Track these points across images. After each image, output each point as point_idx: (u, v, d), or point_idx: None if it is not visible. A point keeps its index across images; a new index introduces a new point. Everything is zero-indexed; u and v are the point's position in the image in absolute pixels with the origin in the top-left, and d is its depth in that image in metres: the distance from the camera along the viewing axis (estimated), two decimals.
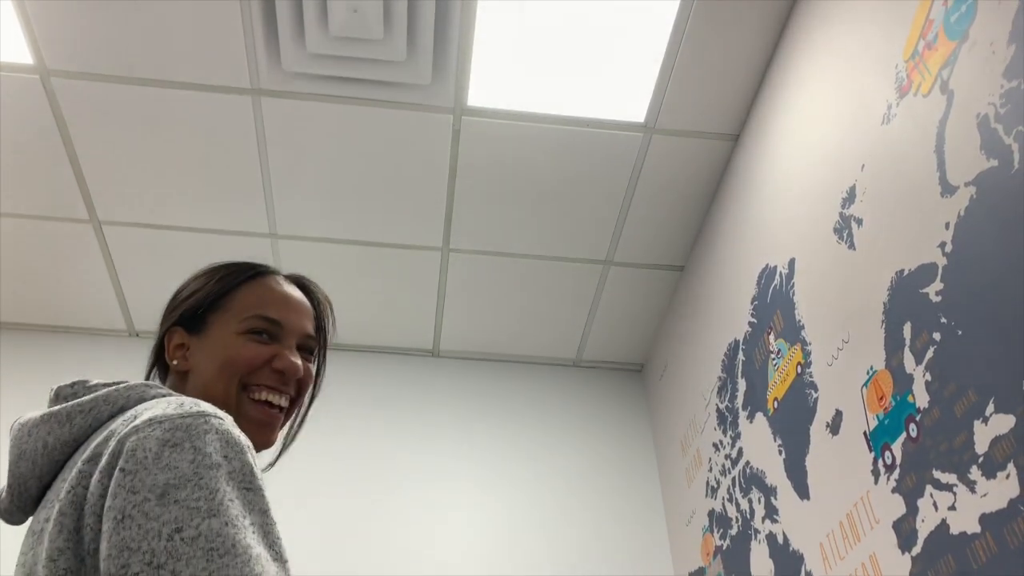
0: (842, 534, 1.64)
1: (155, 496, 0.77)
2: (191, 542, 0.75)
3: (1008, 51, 1.27)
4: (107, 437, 0.86)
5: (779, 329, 1.97)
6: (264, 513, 0.81)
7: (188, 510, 0.76)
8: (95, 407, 0.92)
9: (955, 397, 1.33)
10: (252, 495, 0.81)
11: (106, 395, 0.93)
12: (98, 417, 0.92)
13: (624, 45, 2.11)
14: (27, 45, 2.10)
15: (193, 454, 0.80)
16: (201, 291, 1.12)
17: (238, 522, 0.77)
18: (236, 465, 0.82)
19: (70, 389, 0.98)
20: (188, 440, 0.81)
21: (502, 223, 2.54)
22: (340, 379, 2.91)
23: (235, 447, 0.83)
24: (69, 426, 0.91)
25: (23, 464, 0.92)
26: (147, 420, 0.83)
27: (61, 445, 0.91)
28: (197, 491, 0.78)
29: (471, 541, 2.57)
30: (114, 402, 0.93)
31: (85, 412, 0.92)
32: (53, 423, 0.92)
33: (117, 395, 0.94)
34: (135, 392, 0.94)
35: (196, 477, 0.78)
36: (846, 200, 1.71)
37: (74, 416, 0.92)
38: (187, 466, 0.79)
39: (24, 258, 2.62)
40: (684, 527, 2.51)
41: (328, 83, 2.19)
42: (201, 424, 0.83)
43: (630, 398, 2.98)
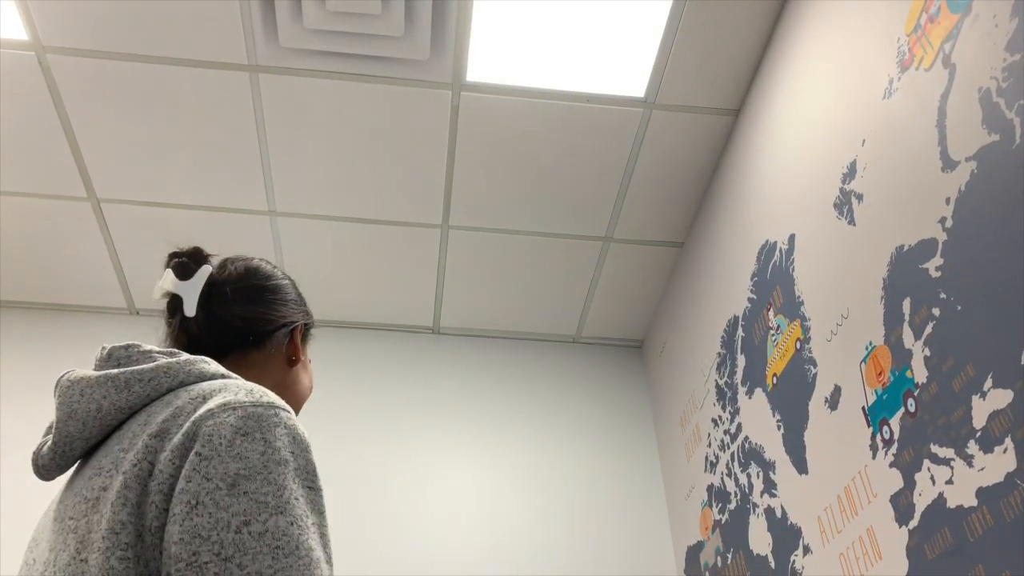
0: (840, 508, 1.65)
1: (226, 485, 0.78)
2: (258, 537, 0.76)
3: (1011, 24, 1.26)
4: (175, 414, 0.86)
5: (778, 305, 1.97)
6: (322, 515, 0.83)
7: (257, 504, 0.78)
8: (155, 377, 0.92)
9: (953, 372, 1.33)
10: (314, 495, 0.83)
11: (167, 367, 0.93)
12: (157, 388, 0.91)
13: (624, 20, 2.09)
14: (22, 21, 2.08)
15: (263, 446, 0.82)
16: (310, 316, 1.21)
17: (302, 522, 0.79)
18: (301, 463, 0.84)
19: (124, 352, 0.97)
20: (259, 431, 0.83)
21: (502, 200, 2.53)
22: (340, 357, 2.93)
23: (301, 444, 0.85)
24: (127, 393, 0.91)
25: (72, 424, 0.91)
26: (221, 404, 0.84)
27: (116, 411, 0.91)
28: (266, 485, 0.79)
29: (472, 517, 2.59)
30: (175, 375, 0.93)
31: (144, 381, 0.92)
32: (110, 387, 0.91)
33: (179, 368, 0.93)
34: (195, 368, 0.94)
35: (265, 471, 0.80)
36: (846, 175, 1.71)
37: (133, 384, 0.91)
38: (257, 458, 0.81)
39: (23, 236, 2.62)
40: (683, 501, 2.53)
41: (326, 59, 2.17)
42: (272, 416, 0.85)
43: (630, 374, 2.99)
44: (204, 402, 0.87)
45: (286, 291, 1.18)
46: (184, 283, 1.10)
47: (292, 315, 1.16)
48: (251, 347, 1.10)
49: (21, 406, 2.60)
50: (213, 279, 1.12)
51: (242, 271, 1.16)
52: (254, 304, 1.12)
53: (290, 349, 1.14)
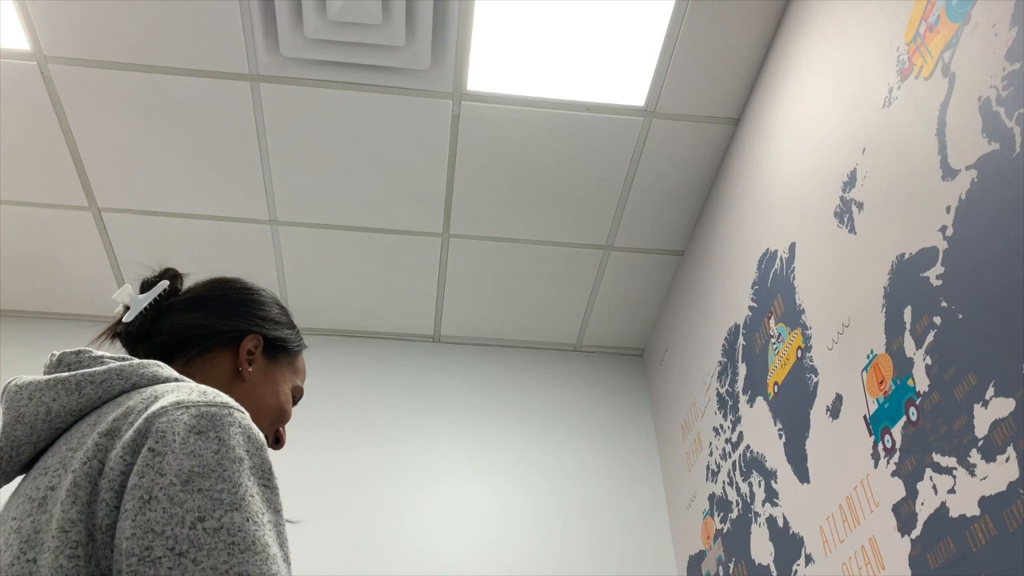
0: (842, 517, 1.65)
1: (180, 482, 0.77)
2: (213, 533, 0.75)
3: (1010, 33, 1.26)
4: (126, 412, 0.85)
5: (779, 313, 1.97)
6: (278, 512, 0.82)
7: (211, 500, 0.77)
8: (107, 379, 0.91)
9: (955, 381, 1.33)
10: (270, 493, 0.82)
11: (120, 369, 0.92)
12: (109, 390, 0.91)
13: (624, 29, 2.10)
14: (24, 31, 2.09)
15: (218, 444, 0.81)
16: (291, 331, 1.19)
17: (258, 519, 0.79)
18: (256, 461, 0.83)
19: (75, 357, 0.96)
20: (213, 429, 0.82)
21: (502, 208, 2.54)
22: (341, 365, 2.93)
23: (255, 443, 0.84)
24: (78, 395, 0.90)
25: (20, 428, 0.90)
26: (174, 403, 0.84)
27: (66, 413, 0.90)
28: (220, 483, 0.78)
29: (472, 525, 2.59)
30: (127, 377, 0.92)
31: (96, 383, 0.91)
32: (60, 390, 0.91)
33: (131, 371, 0.93)
34: (148, 371, 0.94)
35: (220, 468, 0.79)
36: (847, 184, 1.71)
37: (84, 386, 0.90)
38: (211, 456, 0.80)
39: (23, 245, 2.62)
40: (685, 511, 2.53)
41: (327, 68, 2.18)
42: (226, 415, 0.84)
43: (631, 383, 2.99)
44: (155, 401, 0.86)
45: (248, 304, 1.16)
46: (138, 296, 1.13)
47: (243, 326, 1.13)
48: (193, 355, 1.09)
49: None
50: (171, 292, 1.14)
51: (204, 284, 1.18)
52: (199, 312, 1.13)
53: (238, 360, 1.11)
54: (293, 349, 1.19)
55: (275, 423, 1.14)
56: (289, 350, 1.18)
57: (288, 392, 1.16)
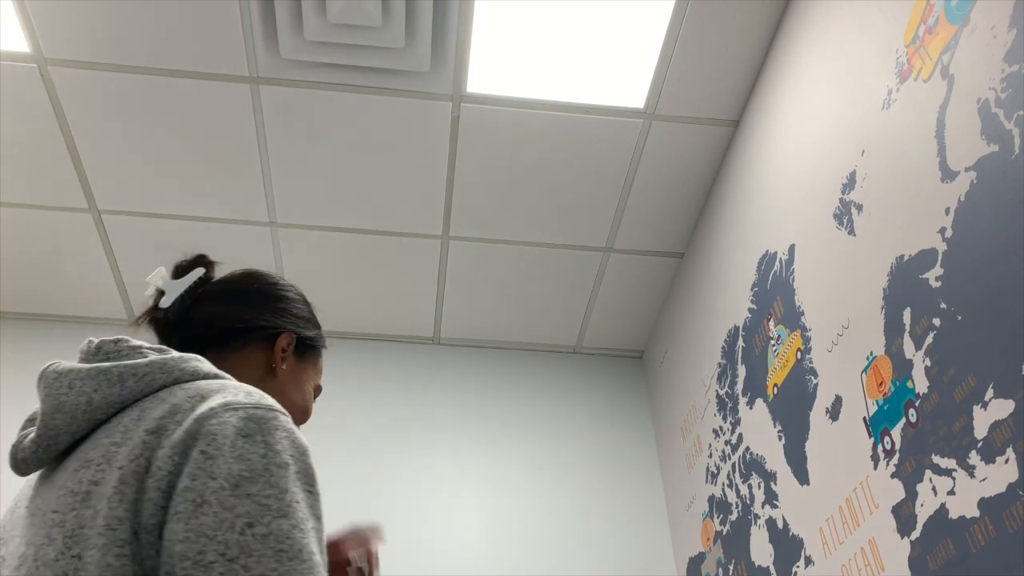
0: (842, 519, 1.65)
1: (230, 486, 0.78)
2: (262, 539, 0.76)
3: (1009, 36, 1.26)
4: (172, 411, 0.85)
5: (779, 315, 1.97)
6: (319, 519, 0.83)
7: (259, 506, 0.78)
8: (149, 373, 0.90)
9: (954, 382, 1.33)
10: (313, 499, 0.83)
11: (162, 363, 0.92)
12: (151, 384, 0.90)
13: (623, 31, 2.10)
14: (24, 33, 2.09)
15: (264, 448, 0.81)
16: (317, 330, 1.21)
17: (304, 526, 0.79)
18: (301, 466, 0.84)
19: (114, 345, 0.95)
20: (259, 433, 0.82)
21: (502, 210, 2.54)
22: (341, 368, 2.93)
23: (300, 448, 0.85)
24: (120, 387, 0.89)
25: (60, 417, 0.89)
26: (223, 404, 0.84)
27: (107, 405, 0.89)
28: (268, 488, 0.79)
29: (472, 528, 2.59)
30: (169, 372, 0.91)
31: (138, 377, 0.90)
32: (101, 380, 0.89)
33: (173, 365, 0.92)
34: (189, 366, 0.93)
35: (267, 473, 0.80)
36: (846, 186, 1.71)
37: (126, 378, 0.90)
38: (258, 460, 0.80)
39: (23, 247, 2.62)
40: (684, 512, 2.53)
41: (327, 70, 2.18)
42: (272, 419, 0.85)
43: (630, 384, 2.99)
44: (203, 400, 0.86)
45: (283, 300, 1.17)
46: (173, 281, 1.12)
47: (280, 323, 1.14)
48: (226, 347, 1.09)
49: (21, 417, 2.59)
50: (205, 280, 1.14)
51: (239, 275, 1.18)
52: (236, 304, 1.13)
53: (272, 356, 1.12)
54: (317, 348, 1.20)
55: (299, 422, 1.15)
56: (316, 349, 1.20)
57: (311, 391, 1.18)
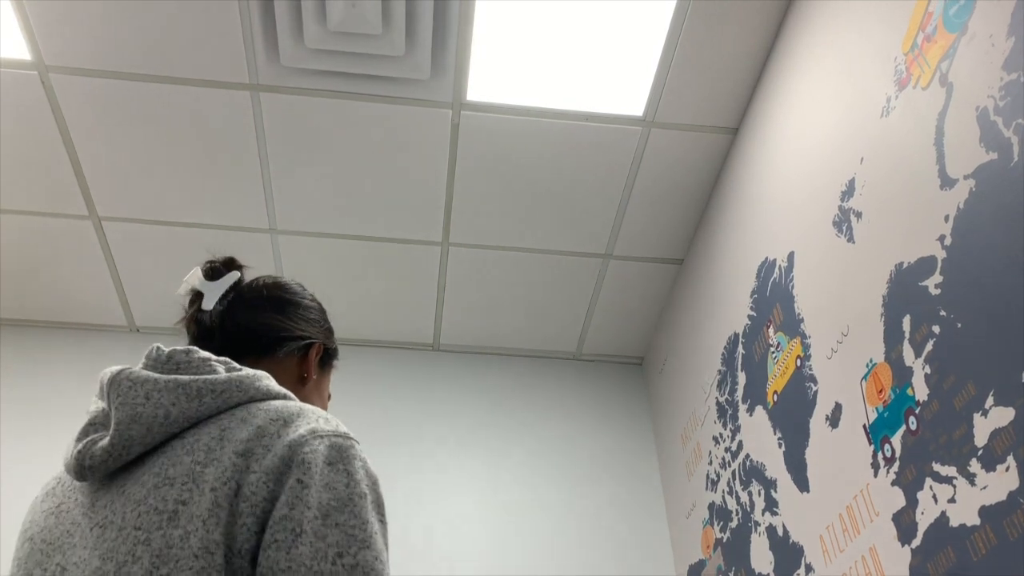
0: (842, 527, 1.64)
1: (321, 515, 0.80)
2: (350, 570, 0.78)
3: (1007, 44, 1.27)
4: (258, 434, 0.86)
5: (778, 322, 1.97)
6: (387, 548, 0.85)
7: (347, 536, 0.80)
8: (227, 390, 0.91)
9: (954, 390, 1.33)
10: (385, 529, 0.86)
11: (239, 381, 0.92)
12: (227, 401, 0.90)
13: (622, 39, 2.11)
14: (25, 41, 2.10)
15: (347, 478, 0.84)
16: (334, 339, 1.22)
17: (383, 556, 0.82)
18: (375, 496, 0.86)
19: (185, 356, 0.95)
20: (342, 462, 0.85)
21: (502, 217, 2.54)
22: (340, 373, 2.91)
23: (373, 478, 0.88)
24: (198, 402, 0.89)
25: (136, 428, 0.88)
26: (311, 431, 0.86)
27: (184, 420, 0.89)
28: (353, 518, 0.81)
29: (471, 535, 2.58)
30: (245, 390, 0.92)
31: (217, 393, 0.90)
32: (180, 394, 0.89)
33: (249, 383, 0.93)
34: (263, 385, 0.94)
35: (351, 503, 0.82)
36: (845, 193, 1.71)
37: (205, 394, 0.90)
38: (343, 489, 0.83)
39: (24, 254, 2.62)
40: (684, 520, 2.52)
41: (327, 78, 2.18)
42: (350, 448, 0.87)
43: (630, 391, 2.99)
44: (286, 425, 0.87)
45: (310, 311, 1.20)
46: (210, 282, 1.13)
47: (311, 332, 1.16)
48: (264, 354, 1.10)
49: (21, 424, 2.59)
50: (240, 285, 1.15)
51: (270, 283, 1.20)
52: (274, 312, 1.14)
53: (303, 365, 1.14)
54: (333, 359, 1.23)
55: None
56: (331, 361, 1.22)
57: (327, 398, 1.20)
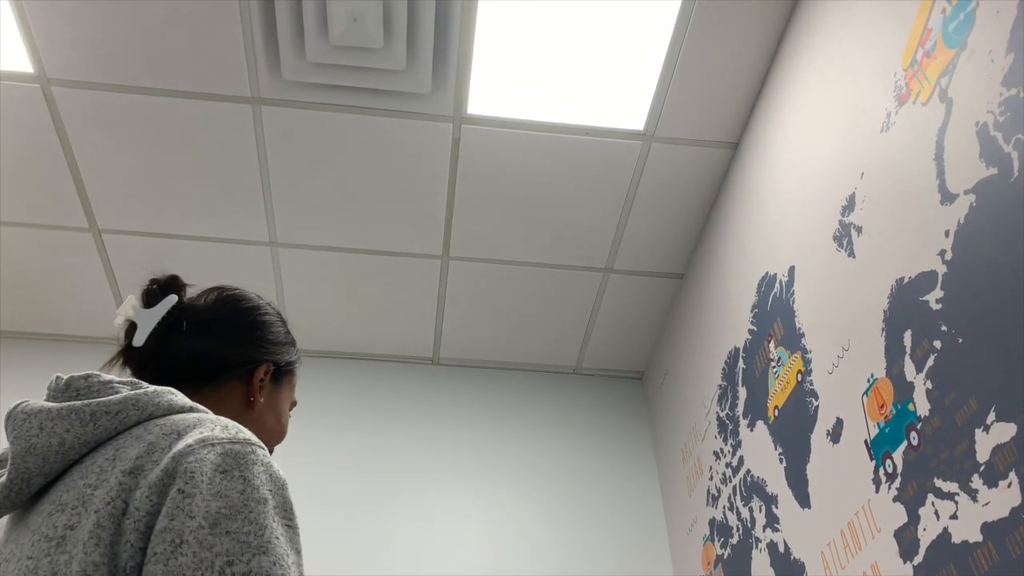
0: (843, 543, 1.63)
1: (208, 524, 0.77)
2: None
3: (1006, 60, 1.27)
4: (149, 450, 0.83)
5: (779, 337, 1.97)
6: (299, 553, 0.82)
7: (239, 543, 0.77)
8: (123, 410, 0.89)
9: (956, 405, 1.32)
10: (292, 533, 0.82)
11: (135, 399, 0.90)
12: (124, 421, 0.88)
13: (623, 53, 2.11)
14: (27, 54, 2.11)
15: (243, 484, 0.80)
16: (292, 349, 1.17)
17: (283, 561, 0.79)
18: (279, 500, 0.83)
19: (84, 381, 0.92)
20: (238, 468, 0.81)
21: (502, 231, 2.54)
22: (339, 387, 2.92)
23: (278, 482, 0.84)
24: (93, 426, 0.87)
25: (31, 459, 0.86)
26: (200, 440, 0.83)
27: (80, 444, 0.87)
28: (247, 524, 0.78)
29: (470, 549, 2.56)
30: (143, 408, 0.89)
31: (112, 414, 0.88)
32: (74, 420, 0.87)
33: (147, 400, 0.90)
34: (163, 400, 0.91)
35: (246, 509, 0.79)
36: (846, 208, 1.71)
37: (99, 416, 0.88)
38: (237, 496, 0.79)
39: (24, 266, 2.62)
40: (685, 536, 2.51)
41: (328, 92, 2.19)
42: (249, 453, 0.83)
43: (630, 406, 2.98)
44: (179, 437, 0.84)
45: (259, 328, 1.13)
46: (144, 311, 1.07)
47: (255, 354, 1.11)
48: (203, 384, 1.06)
49: None
50: (178, 309, 1.08)
51: (211, 303, 1.12)
52: (212, 338, 1.08)
53: (249, 390, 1.09)
54: (291, 369, 1.17)
55: (277, 442, 1.14)
56: (289, 371, 1.16)
57: (287, 412, 1.15)
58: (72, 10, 2.03)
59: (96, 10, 2.03)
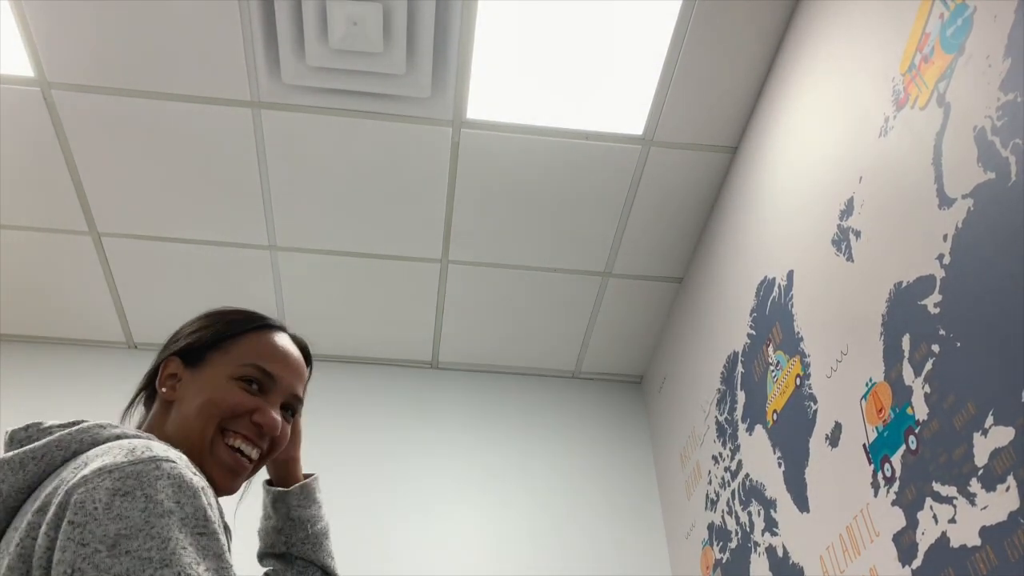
0: (842, 547, 1.63)
1: (106, 547, 0.76)
2: None
3: (1004, 64, 1.27)
4: (56, 486, 0.84)
5: (778, 341, 1.97)
6: (219, 557, 0.80)
7: (140, 560, 0.75)
8: (47, 452, 0.90)
9: (954, 409, 1.33)
10: (206, 539, 0.80)
11: (59, 439, 0.91)
12: (51, 463, 0.90)
13: (622, 58, 2.12)
14: (28, 57, 2.11)
15: (144, 502, 0.79)
16: (208, 329, 1.13)
17: (191, 570, 0.77)
18: (189, 510, 0.81)
19: (24, 433, 0.95)
20: (139, 488, 0.80)
21: (501, 235, 2.54)
22: (339, 391, 2.92)
23: (187, 491, 0.82)
24: (23, 473, 0.89)
25: None
26: (96, 470, 0.82)
27: (15, 492, 0.88)
28: (148, 541, 0.77)
29: (469, 553, 2.56)
30: (67, 447, 0.91)
31: (38, 458, 0.90)
32: (7, 470, 0.89)
33: (70, 439, 0.91)
34: (88, 435, 0.92)
35: (147, 526, 0.78)
36: (844, 212, 1.71)
37: (27, 462, 0.90)
38: (138, 515, 0.78)
39: (23, 270, 2.62)
40: (684, 540, 2.51)
41: (328, 96, 2.19)
42: (152, 470, 0.82)
43: (629, 410, 2.97)
44: (84, 468, 0.85)
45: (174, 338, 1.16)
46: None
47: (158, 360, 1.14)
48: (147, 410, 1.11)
49: None
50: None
51: None
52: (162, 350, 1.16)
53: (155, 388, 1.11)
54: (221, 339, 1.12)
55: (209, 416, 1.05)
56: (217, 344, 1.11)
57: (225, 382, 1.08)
58: (72, 14, 2.03)
59: (96, 14, 2.03)
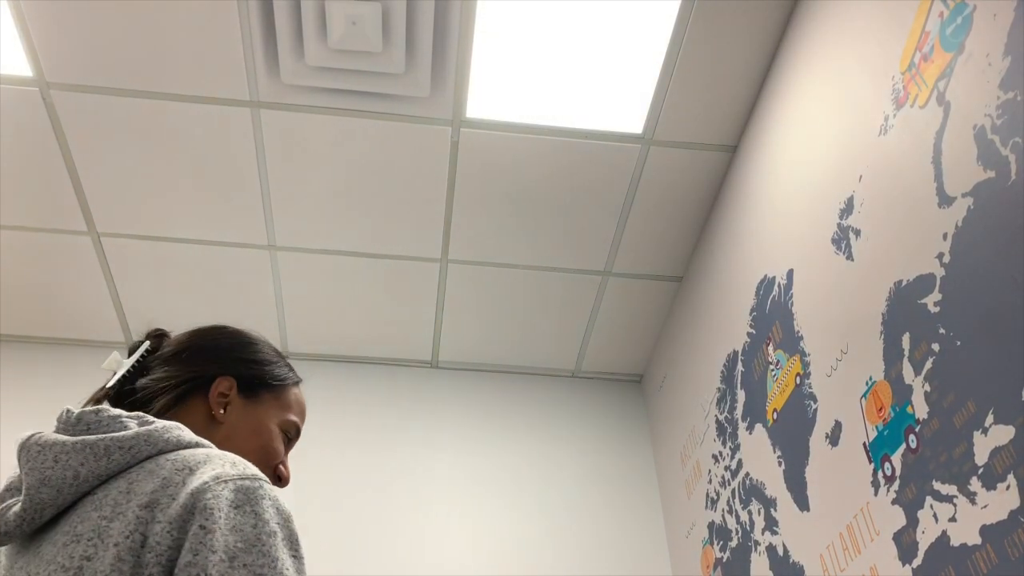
0: (842, 546, 1.63)
1: (228, 558, 0.81)
2: None
3: (1004, 63, 1.27)
4: (163, 484, 0.87)
5: (778, 340, 1.97)
6: None
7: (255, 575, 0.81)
8: (135, 445, 0.92)
9: (954, 408, 1.33)
10: (299, 564, 0.87)
11: (147, 435, 0.93)
12: (136, 456, 0.92)
13: (622, 57, 2.12)
14: (26, 57, 2.11)
15: (254, 519, 0.85)
16: (272, 365, 1.17)
17: None
18: (286, 532, 0.87)
19: (95, 416, 0.96)
20: (248, 504, 0.86)
21: (501, 234, 2.54)
22: (338, 390, 2.92)
23: (284, 515, 0.89)
24: (107, 461, 0.91)
25: (46, 491, 0.90)
26: (214, 477, 0.87)
27: (94, 478, 0.90)
28: (261, 557, 0.82)
29: (469, 553, 2.56)
30: (154, 443, 0.93)
31: (125, 450, 0.92)
32: (88, 454, 0.91)
33: (157, 436, 0.94)
34: (172, 436, 0.95)
35: (259, 543, 0.83)
36: (844, 211, 1.71)
37: (113, 451, 0.91)
38: (250, 531, 0.84)
39: (23, 270, 2.62)
40: (684, 539, 2.51)
41: (327, 95, 2.19)
42: (258, 489, 0.88)
43: (629, 409, 2.97)
44: (192, 473, 0.88)
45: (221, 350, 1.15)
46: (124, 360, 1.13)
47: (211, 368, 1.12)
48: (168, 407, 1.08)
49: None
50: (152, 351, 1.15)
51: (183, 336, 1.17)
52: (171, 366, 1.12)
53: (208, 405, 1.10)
54: (274, 384, 1.16)
55: (264, 462, 1.10)
56: (271, 386, 1.16)
57: (274, 429, 1.14)
58: (71, 14, 2.03)
59: (95, 14, 2.03)
